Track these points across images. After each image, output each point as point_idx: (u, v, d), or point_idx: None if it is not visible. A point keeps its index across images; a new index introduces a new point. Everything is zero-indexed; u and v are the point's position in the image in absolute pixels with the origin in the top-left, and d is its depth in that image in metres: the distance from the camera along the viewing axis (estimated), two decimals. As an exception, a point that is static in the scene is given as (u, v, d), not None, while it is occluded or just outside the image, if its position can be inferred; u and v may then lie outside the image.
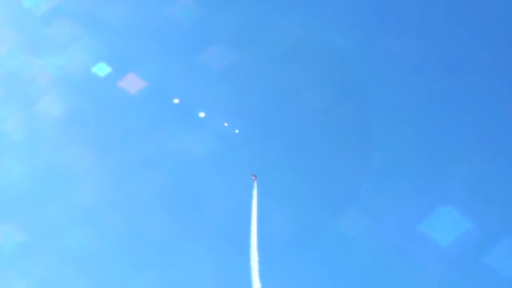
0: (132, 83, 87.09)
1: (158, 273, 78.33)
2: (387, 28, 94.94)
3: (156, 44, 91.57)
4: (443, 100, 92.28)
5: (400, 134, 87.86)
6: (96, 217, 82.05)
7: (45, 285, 76.89)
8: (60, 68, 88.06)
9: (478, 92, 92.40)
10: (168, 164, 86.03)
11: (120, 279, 78.60)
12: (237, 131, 78.99)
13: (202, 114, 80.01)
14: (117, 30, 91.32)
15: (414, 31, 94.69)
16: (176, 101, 77.55)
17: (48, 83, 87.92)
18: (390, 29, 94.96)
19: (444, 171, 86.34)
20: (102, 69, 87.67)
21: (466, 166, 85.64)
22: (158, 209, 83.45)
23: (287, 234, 79.49)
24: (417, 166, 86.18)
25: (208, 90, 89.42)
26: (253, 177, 77.37)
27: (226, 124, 79.28)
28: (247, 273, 70.30)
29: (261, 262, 70.59)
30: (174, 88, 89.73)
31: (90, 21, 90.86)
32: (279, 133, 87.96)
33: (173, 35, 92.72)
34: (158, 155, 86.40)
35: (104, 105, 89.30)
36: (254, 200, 76.20)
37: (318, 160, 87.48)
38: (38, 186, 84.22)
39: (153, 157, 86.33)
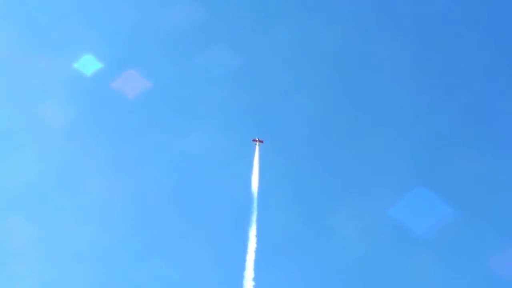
0: (135, 84, 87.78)
1: (161, 268, 79.20)
2: (387, 28, 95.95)
3: (158, 46, 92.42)
4: (418, 88, 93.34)
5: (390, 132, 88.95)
6: (100, 215, 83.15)
7: (54, 279, 77.82)
8: (62, 70, 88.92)
9: (452, 80, 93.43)
10: (170, 164, 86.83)
11: (124, 274, 79.61)
12: None
13: None
14: (118, 31, 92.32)
15: (412, 31, 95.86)
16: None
17: (54, 85, 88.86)
18: (390, 29, 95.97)
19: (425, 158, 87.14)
20: (88, 63, 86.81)
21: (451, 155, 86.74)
22: (161, 208, 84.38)
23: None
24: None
25: (208, 90, 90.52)
26: (256, 142, 74.41)
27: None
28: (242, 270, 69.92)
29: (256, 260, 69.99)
30: (175, 89, 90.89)
31: (91, 22, 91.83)
32: (276, 133, 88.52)
33: (174, 36, 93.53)
34: (159, 155, 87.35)
35: (107, 106, 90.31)
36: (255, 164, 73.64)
37: (310, 158, 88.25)
38: (47, 184, 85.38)
39: (155, 157, 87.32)
